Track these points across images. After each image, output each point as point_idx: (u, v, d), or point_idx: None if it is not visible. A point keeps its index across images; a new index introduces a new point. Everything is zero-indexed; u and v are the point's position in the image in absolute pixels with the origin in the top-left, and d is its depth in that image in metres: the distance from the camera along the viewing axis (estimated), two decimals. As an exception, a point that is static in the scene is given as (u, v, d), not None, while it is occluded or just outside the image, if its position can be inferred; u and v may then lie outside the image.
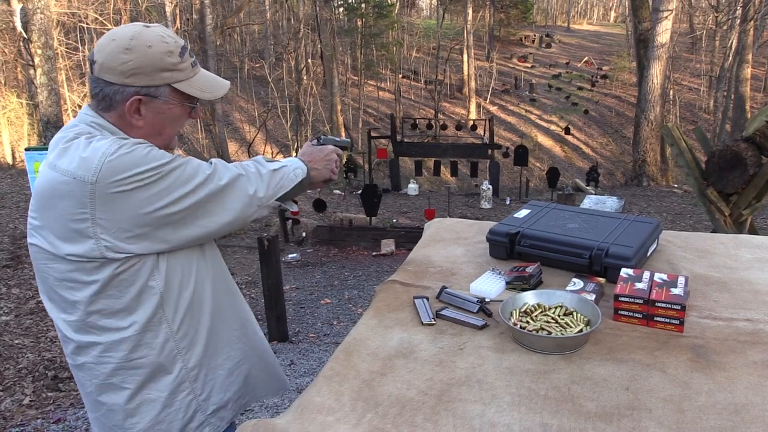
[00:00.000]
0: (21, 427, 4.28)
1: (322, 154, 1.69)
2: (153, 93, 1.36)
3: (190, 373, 1.49)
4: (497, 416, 1.11)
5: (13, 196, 13.51)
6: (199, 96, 1.42)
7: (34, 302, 6.79)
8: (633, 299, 1.41)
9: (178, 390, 1.49)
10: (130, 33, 1.35)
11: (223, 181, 1.40)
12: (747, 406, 1.11)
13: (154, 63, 1.34)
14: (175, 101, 1.40)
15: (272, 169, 1.51)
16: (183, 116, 1.45)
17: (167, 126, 1.43)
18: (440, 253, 1.93)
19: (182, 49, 1.40)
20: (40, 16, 8.18)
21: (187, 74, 1.40)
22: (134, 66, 1.33)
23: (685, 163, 5.70)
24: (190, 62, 1.42)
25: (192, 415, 1.51)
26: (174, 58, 1.37)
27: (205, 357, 1.52)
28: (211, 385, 1.54)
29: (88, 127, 1.38)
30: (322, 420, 1.14)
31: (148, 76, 1.34)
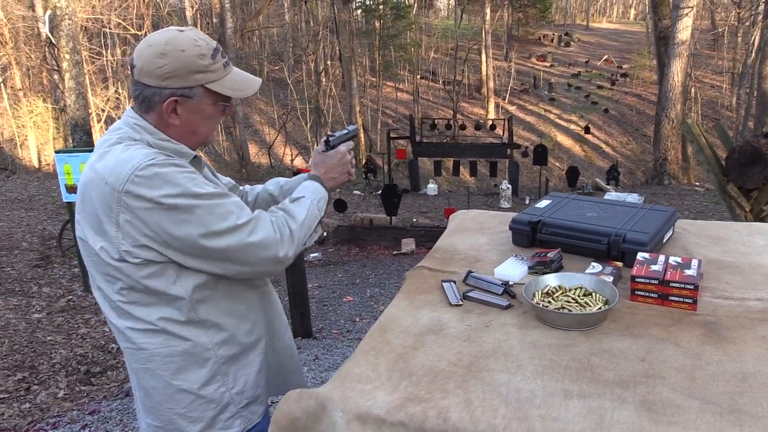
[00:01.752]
0: (58, 417, 4.44)
1: (335, 161, 1.71)
2: (187, 94, 1.44)
3: (222, 366, 1.56)
4: (522, 383, 1.21)
5: (40, 198, 13.82)
6: (231, 95, 1.49)
7: (65, 300, 7.00)
8: (649, 280, 1.50)
9: (211, 382, 1.56)
10: (165, 38, 1.43)
11: (252, 238, 1.43)
12: (755, 374, 1.20)
13: (187, 66, 1.42)
14: (208, 101, 1.47)
15: (301, 222, 1.52)
16: (217, 114, 1.51)
17: (201, 125, 1.50)
18: (465, 241, 2.04)
19: (214, 50, 1.46)
20: (68, 22, 8.40)
21: (219, 75, 1.47)
22: (169, 70, 1.41)
23: (705, 160, 5.73)
24: (222, 63, 1.47)
25: (224, 406, 1.58)
26: (206, 60, 1.43)
27: (237, 352, 1.58)
28: (244, 380, 1.60)
29: (130, 131, 1.46)
30: (361, 388, 1.24)
31: (182, 79, 1.42)
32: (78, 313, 6.66)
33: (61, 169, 6.83)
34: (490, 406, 1.14)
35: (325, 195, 1.66)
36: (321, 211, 1.62)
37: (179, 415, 1.56)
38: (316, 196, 1.62)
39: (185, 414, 1.56)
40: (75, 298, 7.12)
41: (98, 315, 6.60)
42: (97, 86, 22.11)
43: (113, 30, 20.91)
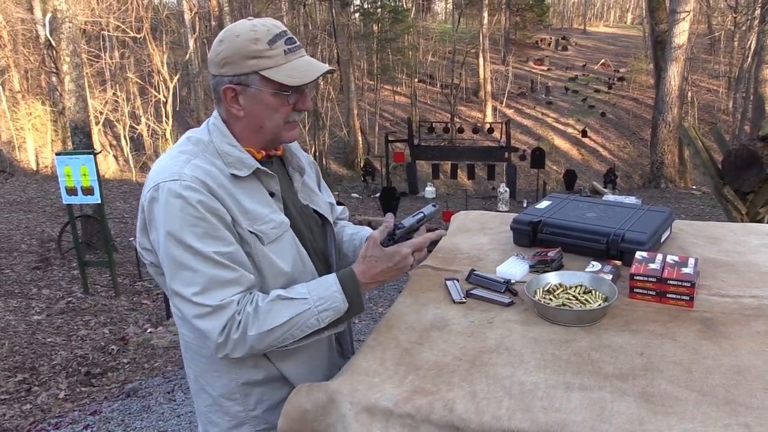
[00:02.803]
0: (59, 418, 4.47)
1: (391, 264, 1.43)
2: (244, 81, 1.39)
3: (242, 387, 1.52)
4: (525, 377, 1.25)
5: (39, 200, 13.84)
6: (286, 82, 1.38)
7: (65, 302, 7.02)
8: (647, 278, 1.55)
9: (229, 396, 1.53)
10: (227, 27, 1.43)
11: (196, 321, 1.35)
12: (749, 368, 1.25)
13: (240, 51, 1.37)
14: (267, 90, 1.40)
15: (268, 330, 1.35)
16: (280, 106, 1.42)
17: (266, 117, 1.43)
18: (467, 241, 2.08)
19: (274, 36, 1.39)
20: (69, 25, 8.43)
21: (276, 61, 1.38)
22: (225, 56, 1.39)
23: (701, 163, 5.78)
24: (282, 49, 1.39)
25: (239, 423, 1.55)
26: (260, 45, 1.37)
27: (263, 379, 1.52)
28: (267, 405, 1.54)
29: (203, 131, 1.48)
30: (369, 381, 1.28)
31: (237, 65, 1.38)
32: (78, 315, 6.69)
33: (62, 171, 6.85)
34: (494, 398, 1.19)
35: (339, 307, 1.40)
36: (321, 323, 1.39)
37: (204, 411, 1.59)
38: (322, 306, 1.39)
39: (207, 413, 1.58)
40: (74, 300, 7.14)
41: (98, 317, 6.63)
42: (96, 89, 22.11)
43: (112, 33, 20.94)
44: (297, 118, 1.48)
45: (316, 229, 1.62)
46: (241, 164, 1.42)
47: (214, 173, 1.39)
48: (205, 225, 1.34)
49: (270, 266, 1.43)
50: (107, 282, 7.76)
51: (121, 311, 6.90)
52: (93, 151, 7.10)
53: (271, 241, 1.43)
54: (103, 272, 8.12)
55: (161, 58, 20.25)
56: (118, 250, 9.47)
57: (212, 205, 1.35)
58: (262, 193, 1.46)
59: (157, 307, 7.03)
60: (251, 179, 1.45)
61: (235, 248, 1.37)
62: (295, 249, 1.49)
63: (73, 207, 7.27)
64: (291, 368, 1.52)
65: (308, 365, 1.55)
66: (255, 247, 1.41)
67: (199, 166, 1.38)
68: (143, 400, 4.73)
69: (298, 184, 1.61)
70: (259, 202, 1.44)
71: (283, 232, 1.46)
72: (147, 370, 5.49)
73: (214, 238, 1.34)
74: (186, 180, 1.34)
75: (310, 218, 1.61)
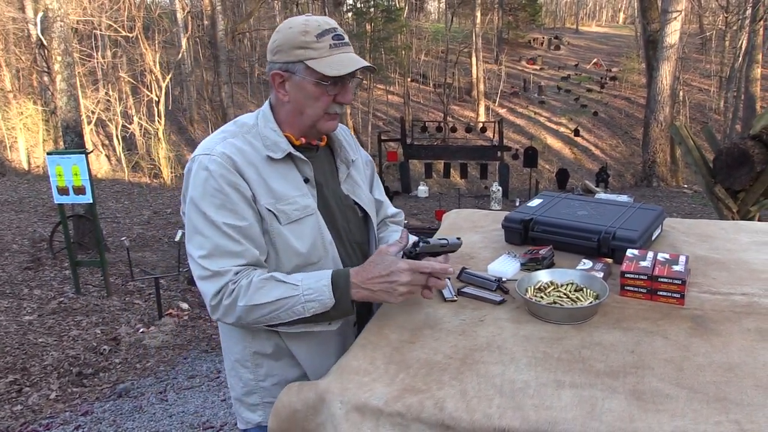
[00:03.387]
0: (51, 418, 4.44)
1: (381, 272, 1.42)
2: (291, 69, 1.49)
3: (253, 357, 1.61)
4: (516, 374, 1.25)
5: (30, 200, 13.75)
6: (326, 72, 1.46)
7: (56, 303, 6.97)
8: (638, 275, 1.54)
9: (243, 363, 1.63)
10: (287, 19, 1.54)
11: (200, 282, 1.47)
12: (740, 365, 1.25)
13: (290, 41, 1.48)
14: (310, 79, 1.48)
15: (256, 305, 1.42)
16: (321, 96, 1.51)
17: (307, 105, 1.52)
18: (458, 240, 2.07)
19: (323, 31, 1.48)
20: (60, 24, 8.38)
21: (320, 53, 1.47)
22: (278, 44, 1.50)
23: (693, 161, 5.80)
24: (328, 44, 1.48)
25: (250, 391, 1.64)
26: (308, 37, 1.47)
27: (273, 352, 1.59)
28: (276, 379, 1.61)
29: (250, 115, 1.61)
30: (359, 380, 1.28)
31: (286, 53, 1.49)
32: (69, 315, 6.65)
33: (53, 171, 6.81)
34: (485, 396, 1.18)
35: (325, 302, 1.42)
36: (306, 311, 1.42)
37: (227, 373, 1.71)
38: (310, 296, 1.42)
39: (228, 376, 1.70)
40: (66, 300, 7.10)
41: (89, 317, 6.59)
42: (88, 88, 22.02)
43: (104, 32, 20.85)
44: (338, 111, 1.56)
45: (354, 220, 1.69)
46: (276, 147, 1.53)
47: (247, 152, 1.51)
48: (222, 197, 1.45)
49: (285, 245, 1.51)
50: (99, 282, 7.72)
51: (113, 311, 6.87)
52: (84, 151, 7.06)
53: (291, 221, 1.51)
54: (95, 272, 8.07)
55: (153, 58, 20.17)
56: (110, 250, 9.43)
57: (233, 180, 1.46)
58: (294, 177, 1.55)
59: (149, 307, 7.00)
60: (286, 163, 1.55)
61: (248, 224, 1.47)
62: (318, 233, 1.55)
63: (64, 207, 7.22)
64: (300, 348, 1.58)
65: (319, 348, 1.59)
66: (271, 225, 1.50)
67: (233, 144, 1.50)
68: (135, 401, 4.71)
69: (343, 175, 1.69)
70: (289, 185, 1.53)
71: (305, 215, 1.53)
72: (139, 370, 5.46)
73: (229, 210, 1.45)
74: (215, 155, 1.47)
75: (349, 208, 1.68)
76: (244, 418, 1.67)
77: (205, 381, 5.07)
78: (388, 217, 1.90)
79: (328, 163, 1.68)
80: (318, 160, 1.63)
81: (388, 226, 1.88)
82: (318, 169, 1.62)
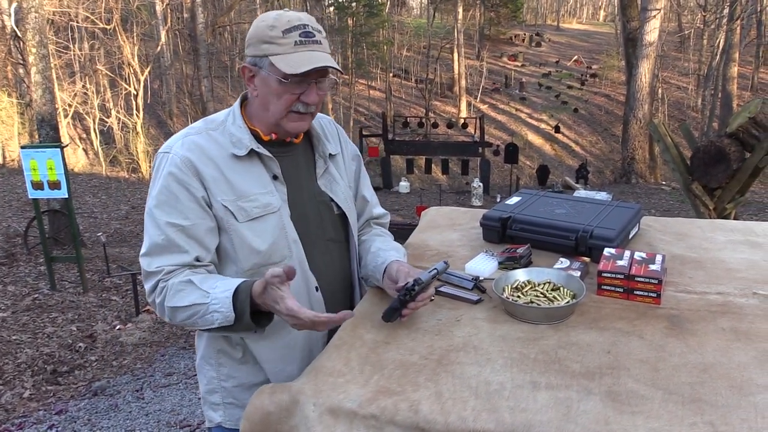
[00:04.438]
0: (24, 418, 4.36)
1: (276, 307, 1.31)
2: (259, 63, 1.47)
3: (215, 355, 1.60)
4: (492, 376, 1.24)
5: (5, 194, 13.51)
6: (284, 69, 1.41)
7: (30, 299, 6.86)
8: (615, 275, 1.54)
9: (206, 359, 1.62)
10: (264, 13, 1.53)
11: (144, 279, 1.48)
12: (715, 365, 1.24)
13: (258, 35, 1.45)
14: (274, 75, 1.44)
15: (177, 307, 1.40)
16: (284, 95, 1.46)
17: (270, 101, 1.49)
18: (436, 237, 2.06)
19: (291, 27, 1.44)
20: (35, 15, 8.21)
21: (284, 49, 1.43)
22: (249, 37, 1.49)
23: (670, 159, 5.85)
24: (294, 40, 1.43)
25: (212, 389, 1.62)
26: (275, 32, 1.43)
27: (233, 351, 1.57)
28: (237, 381, 1.59)
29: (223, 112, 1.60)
30: (333, 381, 1.25)
31: (255, 47, 1.47)
32: (44, 312, 6.54)
33: (27, 165, 6.68)
34: (460, 398, 1.17)
35: (227, 315, 1.35)
36: (213, 323, 1.37)
37: (197, 366, 1.69)
38: (215, 307, 1.36)
39: (197, 369, 1.68)
40: (41, 296, 6.98)
41: (65, 314, 6.49)
42: (65, 81, 21.69)
43: (81, 24, 20.52)
44: (302, 110, 1.50)
45: (328, 217, 1.65)
46: (240, 144, 1.50)
47: (208, 149, 1.49)
48: (168, 195, 1.45)
49: (242, 243, 1.48)
50: (75, 278, 7.60)
51: (90, 308, 6.77)
52: (59, 145, 6.93)
53: (250, 219, 1.48)
54: (71, 268, 7.95)
55: (131, 50, 19.91)
56: (86, 246, 9.29)
57: (184, 179, 1.44)
58: (260, 174, 1.52)
59: (126, 304, 6.91)
60: (252, 159, 1.52)
61: (193, 224, 1.45)
62: (281, 232, 1.51)
63: (39, 202, 7.10)
64: (263, 352, 1.55)
65: (283, 353, 1.55)
66: (228, 222, 1.47)
67: (194, 141, 1.49)
68: (111, 399, 4.65)
69: (321, 170, 1.65)
70: (253, 182, 1.50)
71: (267, 213, 1.50)
72: (115, 367, 5.39)
73: (174, 208, 1.44)
74: (170, 152, 1.47)
75: (323, 205, 1.64)
76: (208, 417, 1.66)
77: (182, 378, 5.01)
78: (373, 218, 1.86)
79: (305, 158, 1.64)
80: (293, 155, 1.60)
81: (372, 228, 1.85)
82: (291, 164, 1.58)
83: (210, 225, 1.47)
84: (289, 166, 1.58)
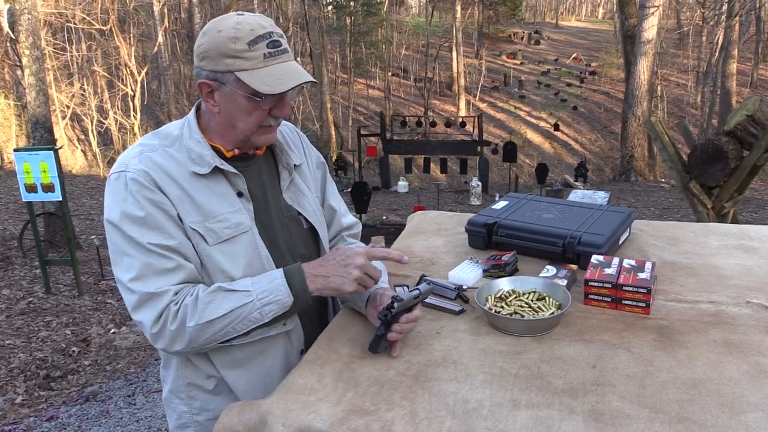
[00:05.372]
0: (14, 425, 4.31)
1: (337, 257, 1.36)
2: (220, 79, 1.33)
3: (186, 388, 1.48)
4: (470, 393, 1.18)
5: (2, 197, 13.47)
6: (258, 89, 1.30)
7: (25, 303, 6.81)
8: (602, 284, 1.48)
9: (177, 392, 1.50)
10: (213, 20, 1.36)
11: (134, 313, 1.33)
12: (704, 381, 1.18)
13: (219, 48, 1.30)
14: (241, 92, 1.32)
15: (207, 321, 1.30)
16: (254, 111, 1.35)
17: (238, 119, 1.36)
18: (421, 243, 2.00)
19: (257, 38, 1.30)
20: (28, 17, 8.15)
21: (253, 64, 1.30)
22: (204, 49, 1.33)
23: (668, 157, 5.79)
24: (263, 53, 1.31)
25: (183, 424, 1.51)
26: (239, 45, 1.29)
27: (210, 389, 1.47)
28: (212, 414, 1.47)
29: (176, 124, 1.46)
30: (304, 400, 1.20)
31: (214, 61, 1.32)
32: (39, 316, 6.49)
33: (20, 168, 6.63)
34: (436, 419, 1.11)
35: (284, 300, 1.33)
36: (264, 317, 1.33)
37: (164, 401, 1.58)
38: (266, 299, 1.32)
39: (165, 404, 1.57)
40: (36, 300, 6.93)
41: (59, 317, 6.44)
42: (62, 82, 21.63)
43: (78, 25, 20.45)
44: (273, 123, 1.41)
45: (297, 232, 1.54)
46: (202, 161, 1.38)
47: (167, 167, 1.36)
48: (143, 215, 1.32)
49: (215, 268, 1.38)
50: (70, 281, 7.55)
51: (84, 311, 6.72)
52: (53, 147, 6.87)
53: (220, 241, 1.37)
54: (67, 271, 7.91)
55: (128, 51, 19.86)
56: (82, 248, 9.25)
57: (154, 197, 1.33)
58: (225, 191, 1.41)
59: (122, 307, 6.86)
60: (215, 176, 1.40)
61: (178, 242, 1.34)
62: (254, 252, 1.41)
63: (34, 204, 7.04)
64: (239, 381, 1.44)
65: (260, 381, 1.46)
66: (198, 246, 1.37)
67: (151, 159, 1.36)
68: (102, 405, 4.59)
69: (285, 182, 1.54)
70: (220, 200, 1.39)
71: (238, 233, 1.39)
72: (109, 372, 5.34)
73: (153, 229, 1.32)
74: (130, 172, 1.33)
75: (291, 220, 1.53)
76: None
77: (175, 383, 4.96)
78: (344, 228, 1.72)
79: (268, 170, 1.52)
80: (255, 169, 1.49)
81: (345, 240, 1.72)
82: (255, 179, 1.48)
83: (190, 243, 1.36)
84: (252, 181, 1.47)
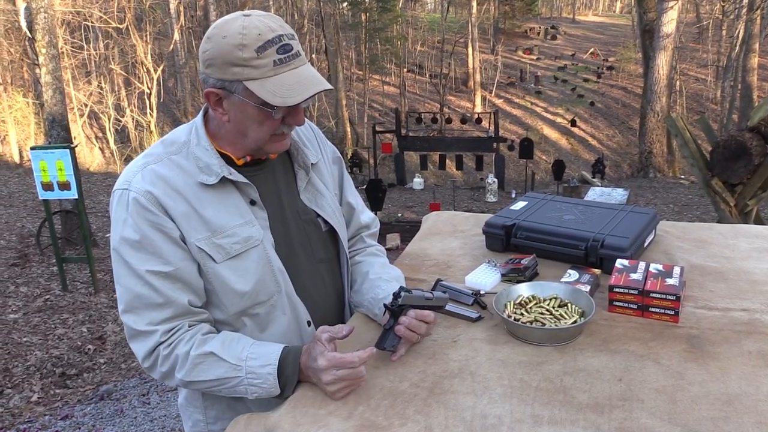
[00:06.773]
0: (29, 423, 4.32)
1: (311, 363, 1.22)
2: (228, 87, 1.24)
3: (201, 397, 1.44)
4: (489, 408, 1.11)
5: (20, 195, 13.59)
6: (268, 100, 1.21)
7: (42, 300, 6.84)
8: (628, 290, 1.40)
9: (191, 402, 1.47)
10: (218, 22, 1.26)
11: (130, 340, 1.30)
12: (740, 396, 1.11)
13: (225, 55, 1.21)
14: (251, 101, 1.24)
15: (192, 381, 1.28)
16: (266, 121, 1.27)
17: (249, 128, 1.28)
18: (437, 246, 1.93)
19: (265, 43, 1.20)
20: (44, 15, 8.19)
21: (262, 73, 1.21)
22: (209, 56, 1.24)
23: (689, 154, 5.66)
24: (272, 59, 1.21)
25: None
26: (246, 53, 1.20)
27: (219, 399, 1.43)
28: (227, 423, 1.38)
29: (183, 129, 1.37)
30: (314, 413, 1.14)
31: (220, 69, 1.23)
32: (55, 313, 6.52)
33: (37, 166, 6.65)
34: (452, 436, 1.04)
35: (270, 390, 1.25)
36: (249, 394, 1.27)
37: (180, 407, 1.55)
38: (253, 381, 1.25)
39: (181, 410, 1.55)
40: (53, 297, 6.97)
41: (76, 315, 6.46)
42: (80, 80, 21.79)
43: (95, 23, 20.59)
44: (287, 131, 1.33)
45: (316, 236, 1.46)
46: (209, 171, 1.30)
47: (172, 179, 1.29)
48: (141, 238, 1.25)
49: (223, 286, 1.31)
50: (87, 279, 7.58)
51: (100, 308, 6.74)
52: (69, 145, 6.88)
53: (229, 257, 1.30)
54: (84, 268, 7.94)
55: (145, 49, 19.95)
56: (99, 245, 9.28)
57: (155, 220, 1.26)
58: (236, 202, 1.33)
59: (136, 305, 6.87)
60: (224, 186, 1.32)
61: (175, 268, 1.27)
62: (266, 266, 1.34)
63: (50, 202, 7.07)
64: None
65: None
66: (206, 265, 1.29)
67: (155, 172, 1.29)
68: (117, 403, 4.59)
69: (303, 183, 1.45)
70: (229, 212, 1.31)
71: (248, 248, 1.32)
72: (124, 370, 5.34)
73: (151, 254, 1.26)
74: (133, 191, 1.27)
75: (310, 223, 1.45)
76: None
77: (189, 383, 4.94)
78: (362, 227, 1.64)
79: (283, 171, 1.44)
80: (269, 172, 1.41)
81: (365, 243, 1.64)
82: (268, 184, 1.39)
83: (193, 265, 1.29)
84: (266, 186, 1.38)
